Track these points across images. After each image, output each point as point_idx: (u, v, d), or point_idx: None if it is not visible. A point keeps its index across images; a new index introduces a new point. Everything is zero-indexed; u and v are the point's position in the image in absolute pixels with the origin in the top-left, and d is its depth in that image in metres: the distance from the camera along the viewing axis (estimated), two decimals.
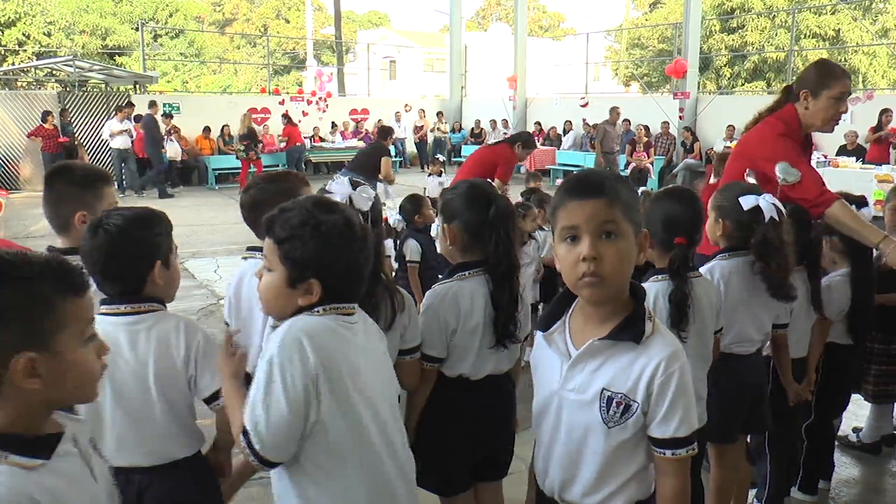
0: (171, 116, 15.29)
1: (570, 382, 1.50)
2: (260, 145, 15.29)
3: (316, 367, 1.47)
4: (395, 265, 4.74)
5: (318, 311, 1.54)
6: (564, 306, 1.57)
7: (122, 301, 1.81)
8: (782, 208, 2.46)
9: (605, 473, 1.50)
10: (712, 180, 5.59)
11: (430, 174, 9.89)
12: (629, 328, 1.44)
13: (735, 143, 5.61)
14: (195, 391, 1.86)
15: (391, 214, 5.08)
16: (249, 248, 2.29)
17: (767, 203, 2.43)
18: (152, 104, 14.20)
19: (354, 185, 2.07)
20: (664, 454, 1.46)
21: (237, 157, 14.95)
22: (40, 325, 1.12)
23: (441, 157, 11.43)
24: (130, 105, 14.24)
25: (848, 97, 3.05)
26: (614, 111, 13.50)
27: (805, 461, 3.16)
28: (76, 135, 14.56)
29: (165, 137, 14.53)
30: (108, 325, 1.74)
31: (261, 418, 1.45)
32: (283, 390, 1.45)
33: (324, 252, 1.52)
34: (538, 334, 1.60)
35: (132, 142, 13.91)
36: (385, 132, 8.88)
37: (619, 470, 1.49)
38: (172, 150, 14.72)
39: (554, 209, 1.49)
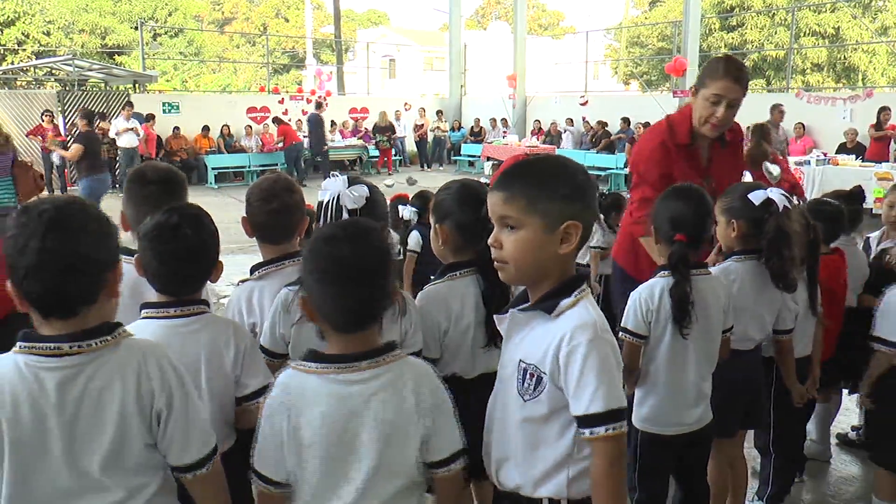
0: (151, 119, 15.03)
1: (504, 356, 1.56)
2: (396, 139, 17.96)
3: None
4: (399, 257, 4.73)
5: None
6: None
7: (172, 304, 1.76)
8: (790, 197, 2.46)
9: (530, 457, 1.48)
10: None
11: None
12: (545, 301, 1.47)
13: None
14: (236, 389, 1.83)
15: (403, 207, 5.00)
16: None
17: (777, 194, 2.42)
18: (319, 105, 15.72)
19: (351, 183, 2.03)
20: (584, 433, 1.40)
21: (376, 147, 17.59)
22: None
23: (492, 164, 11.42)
24: (130, 105, 14.15)
25: (724, 102, 2.71)
26: (776, 110, 11.25)
27: None
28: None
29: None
30: (159, 328, 1.71)
31: None
32: None
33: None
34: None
35: (139, 140, 13.75)
36: (86, 115, 8.60)
37: (543, 455, 1.47)
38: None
39: None
